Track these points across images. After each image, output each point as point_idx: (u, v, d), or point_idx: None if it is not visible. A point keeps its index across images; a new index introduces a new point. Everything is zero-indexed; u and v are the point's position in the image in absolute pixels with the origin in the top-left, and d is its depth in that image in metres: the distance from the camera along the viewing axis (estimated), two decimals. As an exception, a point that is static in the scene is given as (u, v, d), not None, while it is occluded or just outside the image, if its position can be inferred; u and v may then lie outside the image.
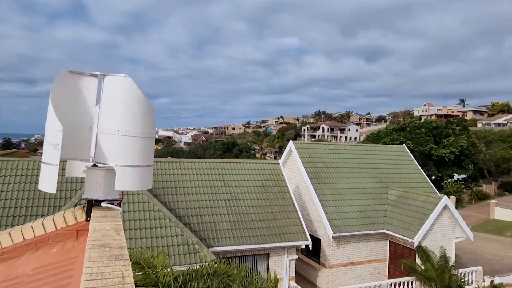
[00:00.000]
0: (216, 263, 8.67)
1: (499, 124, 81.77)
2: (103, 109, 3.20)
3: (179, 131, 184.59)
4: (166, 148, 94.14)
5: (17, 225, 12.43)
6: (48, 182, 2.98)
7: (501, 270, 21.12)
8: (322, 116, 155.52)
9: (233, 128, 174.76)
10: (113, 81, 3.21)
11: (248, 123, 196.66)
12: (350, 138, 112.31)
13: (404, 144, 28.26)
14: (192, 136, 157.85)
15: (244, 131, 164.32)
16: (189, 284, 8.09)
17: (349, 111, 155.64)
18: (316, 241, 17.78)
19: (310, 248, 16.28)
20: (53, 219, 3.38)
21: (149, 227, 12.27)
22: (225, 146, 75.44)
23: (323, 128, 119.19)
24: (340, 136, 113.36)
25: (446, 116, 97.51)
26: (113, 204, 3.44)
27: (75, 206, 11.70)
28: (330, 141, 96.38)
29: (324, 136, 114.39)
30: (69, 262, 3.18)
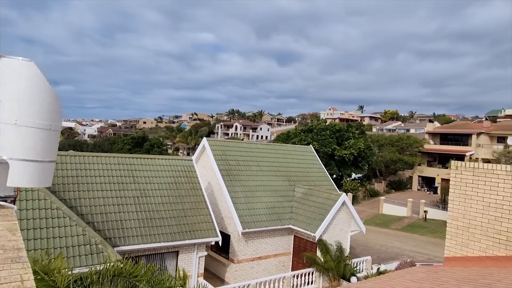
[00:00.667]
0: (121, 263, 8.29)
1: (389, 130, 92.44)
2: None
3: (83, 122, 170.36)
4: (67, 141, 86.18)
5: None
6: None
7: (386, 259, 24.01)
8: (236, 114, 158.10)
9: (144, 122, 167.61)
10: (11, 64, 2.90)
11: (160, 117, 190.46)
12: (262, 137, 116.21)
13: (311, 145, 30.25)
14: (98, 128, 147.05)
15: (156, 125, 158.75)
16: (92, 286, 7.62)
17: (261, 111, 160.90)
18: (226, 237, 18.07)
19: (220, 245, 16.50)
20: None
21: (46, 227, 11.17)
22: (135, 141, 71.86)
23: (236, 126, 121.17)
24: (253, 135, 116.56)
25: (347, 120, 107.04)
26: (6, 201, 3.12)
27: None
28: (243, 139, 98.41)
29: (237, 134, 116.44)
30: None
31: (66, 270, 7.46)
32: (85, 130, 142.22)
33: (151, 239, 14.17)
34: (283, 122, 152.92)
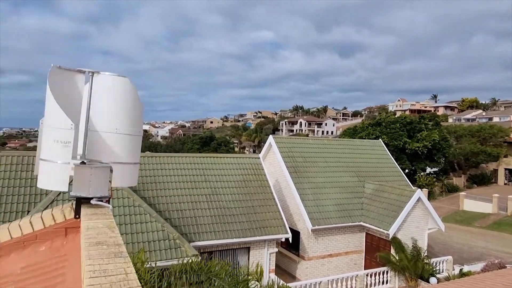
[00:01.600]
0: (198, 258, 8.72)
1: (468, 119, 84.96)
2: (93, 107, 3.19)
3: (156, 125, 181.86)
4: (143, 143, 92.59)
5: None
6: (47, 180, 2.97)
7: (469, 259, 22.16)
8: (300, 110, 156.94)
9: (211, 122, 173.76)
10: (105, 79, 3.20)
11: (226, 117, 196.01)
12: (327, 132, 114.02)
13: (379, 139, 28.99)
14: (169, 129, 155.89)
15: (223, 125, 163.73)
16: (171, 279, 8.13)
17: (325, 106, 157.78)
18: (295, 234, 18.08)
19: (290, 241, 16.55)
20: (41, 217, 3.35)
21: (130, 223, 12.16)
22: (203, 140, 74.95)
23: (300, 122, 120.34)
24: (318, 131, 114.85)
25: (419, 111, 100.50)
26: (102, 201, 3.44)
27: (51, 202, 11.47)
28: (308, 135, 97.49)
29: (302, 130, 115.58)
30: (59, 260, 3.16)
31: (151, 263, 8.05)
32: (158, 132, 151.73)
33: (223, 235, 14.69)
34: (349, 116, 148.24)
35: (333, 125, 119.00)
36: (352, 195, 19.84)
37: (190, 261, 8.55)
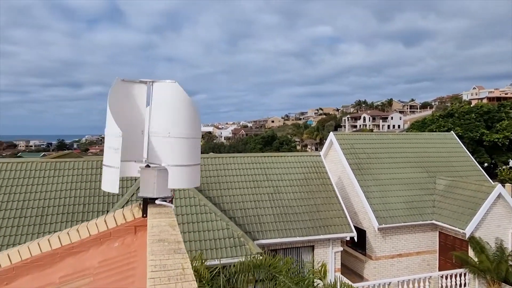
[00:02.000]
0: (261, 255, 8.88)
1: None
2: (153, 113, 3.44)
3: (219, 126, 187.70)
4: (207, 144, 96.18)
5: (77, 221, 13.41)
6: (110, 183, 3.25)
7: None
8: (363, 105, 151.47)
9: (272, 121, 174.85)
10: (162, 87, 3.43)
11: (287, 115, 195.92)
12: (393, 126, 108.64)
13: (452, 131, 26.96)
14: (232, 130, 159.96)
15: (284, 123, 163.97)
16: (235, 276, 8.38)
17: (390, 99, 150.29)
18: (361, 232, 17.54)
19: (356, 240, 16.10)
20: (113, 216, 3.68)
21: (196, 221, 12.75)
22: (265, 140, 75.77)
23: (364, 117, 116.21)
24: (383, 125, 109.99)
25: (498, 98, 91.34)
26: (165, 201, 3.68)
27: (126, 202, 12.43)
28: (372, 131, 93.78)
29: (366, 125, 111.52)
30: (130, 255, 3.46)
31: (216, 260, 8.38)
32: (221, 133, 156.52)
33: (286, 234, 14.75)
34: (417, 108, 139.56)
35: (400, 119, 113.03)
36: (422, 192, 18.71)
37: (253, 257, 8.74)
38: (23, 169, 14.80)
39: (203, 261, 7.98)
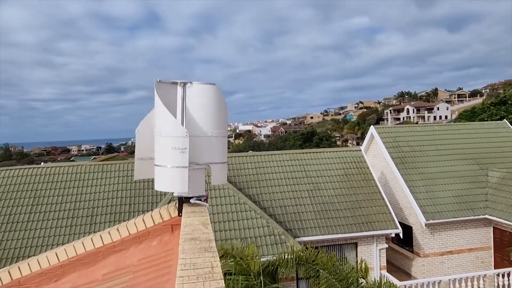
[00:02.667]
0: (304, 251, 8.80)
1: None
2: (190, 114, 3.50)
3: (258, 124, 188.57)
4: (247, 142, 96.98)
5: (123, 220, 14.06)
6: (162, 182, 3.38)
7: None
8: (406, 96, 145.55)
9: (311, 117, 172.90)
10: (197, 88, 3.50)
11: (326, 111, 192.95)
12: (440, 117, 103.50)
13: (505, 119, 25.19)
14: (271, 128, 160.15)
15: (323, 119, 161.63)
16: (278, 270, 8.38)
17: (435, 89, 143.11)
18: (407, 229, 16.88)
19: (401, 237, 15.51)
20: (151, 215, 3.79)
21: (237, 219, 12.88)
22: (305, 136, 75.12)
23: (407, 109, 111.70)
24: (428, 116, 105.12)
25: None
26: (200, 200, 3.73)
27: (169, 202, 12.84)
28: (417, 123, 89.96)
29: (410, 118, 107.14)
30: (167, 253, 3.54)
31: (257, 257, 8.43)
32: (260, 131, 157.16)
33: (328, 231, 14.51)
34: (466, 97, 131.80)
35: (447, 109, 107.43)
36: (473, 185, 17.63)
37: (296, 252, 8.70)
38: (75, 172, 15.72)
39: (255, 256, 8.06)
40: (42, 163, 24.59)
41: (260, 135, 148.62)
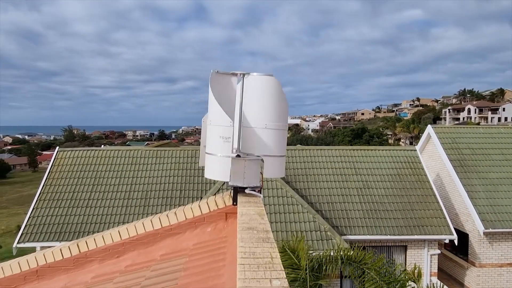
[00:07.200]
0: (351, 250, 8.64)
1: None
2: (245, 105, 3.52)
3: (307, 119, 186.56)
4: (295, 136, 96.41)
5: (174, 205, 14.65)
6: (213, 171, 3.46)
7: None
8: (467, 95, 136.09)
9: (362, 114, 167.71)
10: (254, 79, 3.50)
11: (378, 107, 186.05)
12: (505, 119, 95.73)
13: None
14: (319, 123, 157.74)
15: (375, 116, 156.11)
16: (324, 267, 8.31)
17: (501, 88, 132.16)
18: (462, 236, 15.90)
19: (456, 244, 14.67)
20: (207, 202, 3.90)
21: (283, 212, 12.90)
22: (355, 132, 73.15)
23: (469, 109, 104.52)
24: (492, 118, 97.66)
25: None
26: (254, 191, 3.77)
27: (218, 190, 13.15)
28: (478, 124, 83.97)
29: (470, 118, 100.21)
30: (221, 240, 3.63)
31: (308, 251, 8.41)
32: (308, 125, 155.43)
33: (376, 231, 14.08)
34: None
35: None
36: (542, 194, 16.16)
37: (344, 250, 8.56)
38: (131, 156, 16.60)
39: (305, 251, 8.08)
40: (102, 145, 26.25)
41: (308, 129, 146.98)
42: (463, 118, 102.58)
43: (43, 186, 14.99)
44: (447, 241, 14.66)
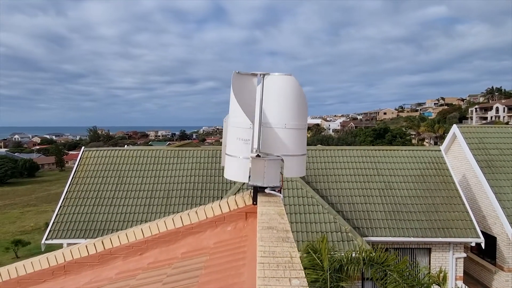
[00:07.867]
0: (373, 252, 8.52)
1: None
2: (267, 105, 3.53)
3: (327, 118, 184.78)
4: (315, 136, 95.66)
5: (195, 204, 14.82)
6: (232, 172, 3.49)
7: None
8: (496, 94, 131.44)
9: (385, 113, 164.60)
10: (274, 79, 3.51)
11: (401, 107, 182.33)
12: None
13: None
14: (340, 123, 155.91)
15: (397, 115, 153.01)
16: (345, 268, 8.22)
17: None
18: (489, 239, 15.40)
19: (483, 247, 14.21)
20: (227, 201, 3.94)
21: (303, 212, 12.84)
22: (377, 132, 71.91)
23: (497, 108, 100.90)
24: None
25: None
26: (274, 191, 3.77)
27: (238, 190, 13.22)
28: (507, 123, 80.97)
29: (499, 117, 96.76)
30: (241, 239, 3.66)
31: (331, 252, 8.35)
32: (329, 125, 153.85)
33: (399, 233, 13.81)
34: None
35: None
36: None
37: (366, 251, 8.46)
38: (153, 156, 16.91)
39: (329, 252, 8.04)
40: (125, 145, 26.81)
41: (329, 129, 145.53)
42: (491, 117, 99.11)
43: (69, 185, 15.48)
44: (473, 244, 14.22)
